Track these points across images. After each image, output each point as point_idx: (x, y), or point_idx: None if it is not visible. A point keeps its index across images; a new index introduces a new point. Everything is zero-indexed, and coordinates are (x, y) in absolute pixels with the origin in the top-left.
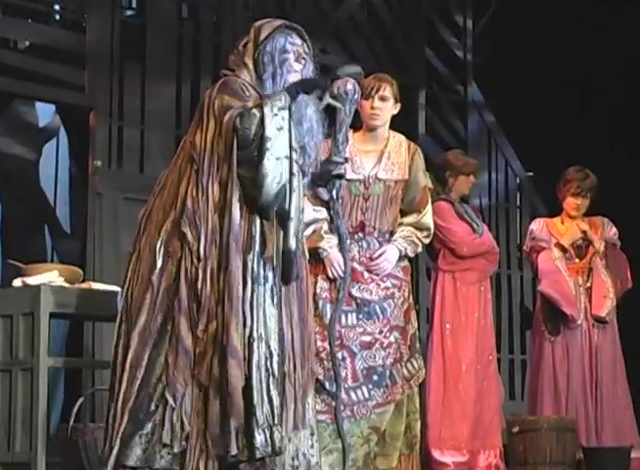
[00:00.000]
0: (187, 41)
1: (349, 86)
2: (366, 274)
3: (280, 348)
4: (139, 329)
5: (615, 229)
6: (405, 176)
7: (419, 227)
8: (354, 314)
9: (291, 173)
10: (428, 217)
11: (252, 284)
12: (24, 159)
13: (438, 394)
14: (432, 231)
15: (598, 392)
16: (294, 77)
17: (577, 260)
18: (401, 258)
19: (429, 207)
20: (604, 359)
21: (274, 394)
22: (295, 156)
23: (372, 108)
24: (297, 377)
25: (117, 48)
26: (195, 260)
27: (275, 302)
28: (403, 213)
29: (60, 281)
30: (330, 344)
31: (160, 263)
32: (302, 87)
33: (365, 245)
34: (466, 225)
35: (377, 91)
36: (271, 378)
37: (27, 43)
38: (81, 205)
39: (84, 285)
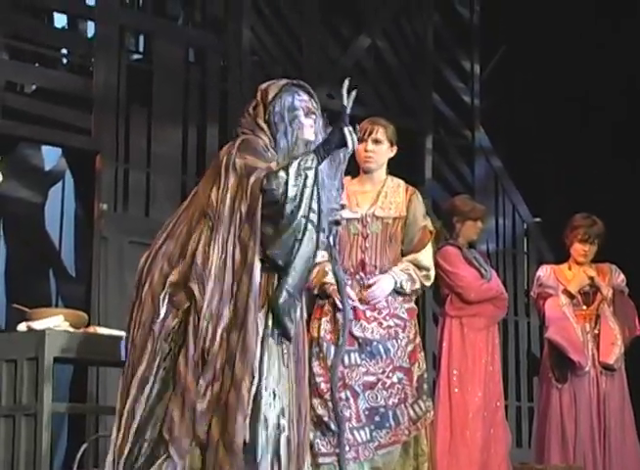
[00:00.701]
0: (193, 86)
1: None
2: (368, 313)
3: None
4: (138, 377)
5: (622, 276)
6: (403, 213)
7: (417, 265)
8: (357, 354)
9: (304, 231)
10: (426, 257)
11: (265, 342)
12: (30, 202)
13: (445, 440)
14: (431, 272)
15: (606, 440)
16: (305, 133)
17: (585, 307)
18: (402, 294)
19: (429, 247)
20: (612, 407)
21: (283, 454)
22: (312, 216)
23: (365, 151)
24: (292, 438)
25: (124, 92)
26: (202, 319)
27: (285, 360)
28: (403, 255)
29: (65, 326)
30: (332, 388)
31: (162, 313)
32: (330, 146)
33: (367, 284)
34: (474, 270)
35: (370, 134)
36: (282, 436)
37: (34, 87)
38: (87, 248)
39: (89, 330)
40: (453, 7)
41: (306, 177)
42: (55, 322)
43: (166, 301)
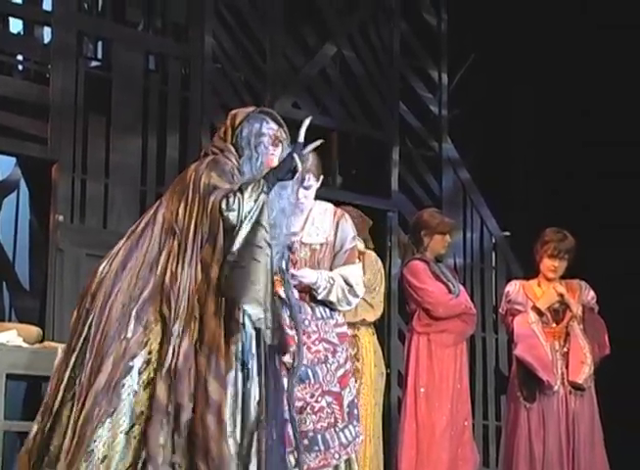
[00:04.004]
0: (153, 94)
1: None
2: (297, 338)
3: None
4: (96, 389)
5: (592, 293)
6: (330, 238)
7: (344, 278)
8: (285, 379)
9: (257, 246)
10: (354, 273)
11: (242, 365)
12: None
13: (411, 460)
14: (356, 288)
15: (575, 461)
16: (270, 161)
17: (554, 325)
18: (333, 318)
19: (357, 266)
20: (581, 427)
21: None
22: (263, 234)
23: (297, 199)
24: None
25: (82, 100)
26: (171, 338)
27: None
28: None
29: (18, 341)
30: (289, 408)
31: (132, 328)
32: (279, 173)
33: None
34: (442, 285)
35: (301, 182)
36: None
37: None
38: (42, 261)
39: (44, 345)
40: (420, 15)
41: (256, 200)
42: (8, 337)
43: (136, 316)
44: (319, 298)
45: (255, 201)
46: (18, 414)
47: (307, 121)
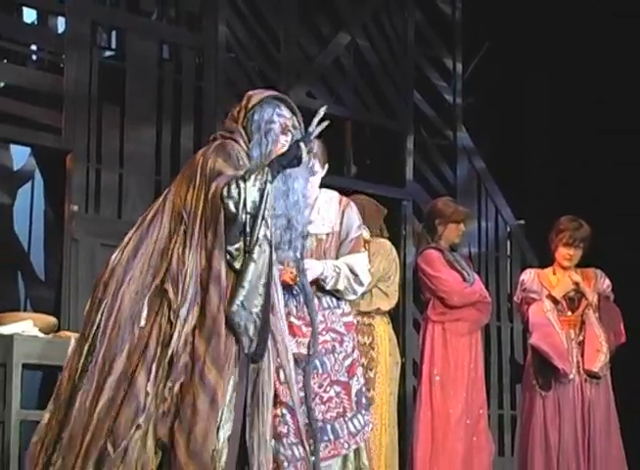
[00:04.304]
0: (168, 83)
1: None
2: (304, 328)
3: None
4: (112, 379)
5: (608, 281)
6: (336, 228)
7: (350, 266)
8: (291, 370)
9: (255, 243)
10: (359, 261)
11: (238, 353)
12: None
13: (426, 449)
14: (361, 277)
15: (591, 449)
16: (279, 149)
17: (570, 313)
18: (339, 307)
19: (362, 254)
20: (597, 416)
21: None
22: (263, 229)
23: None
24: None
25: (96, 90)
26: (172, 320)
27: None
28: None
29: (34, 331)
30: (305, 396)
31: (144, 316)
32: (283, 162)
33: (302, 299)
34: (456, 274)
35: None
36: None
37: (2, 84)
38: (57, 251)
39: (59, 334)
40: (434, 4)
41: (260, 189)
42: (23, 327)
43: (148, 304)
44: (327, 288)
45: (260, 190)
46: (34, 404)
47: (322, 111)
